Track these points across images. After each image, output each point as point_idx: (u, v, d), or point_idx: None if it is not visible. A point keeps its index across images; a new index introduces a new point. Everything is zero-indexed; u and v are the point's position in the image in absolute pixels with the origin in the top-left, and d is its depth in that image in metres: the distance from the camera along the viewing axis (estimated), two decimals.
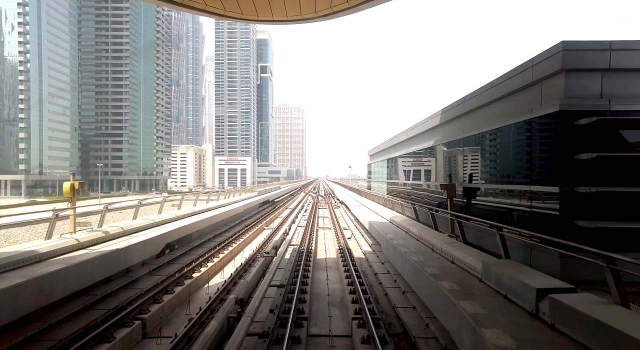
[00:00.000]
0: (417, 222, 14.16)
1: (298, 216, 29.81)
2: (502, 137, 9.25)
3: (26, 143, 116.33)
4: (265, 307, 9.81)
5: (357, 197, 36.05)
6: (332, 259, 17.04)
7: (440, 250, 10.11)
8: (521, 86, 8.76)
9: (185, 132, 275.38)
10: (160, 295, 10.79)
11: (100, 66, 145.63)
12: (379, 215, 19.33)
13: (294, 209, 37.58)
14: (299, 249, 17.32)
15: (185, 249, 16.90)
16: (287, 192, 61.83)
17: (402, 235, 13.32)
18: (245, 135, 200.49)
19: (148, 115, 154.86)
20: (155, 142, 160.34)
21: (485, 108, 10.23)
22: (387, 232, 14.03)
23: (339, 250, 17.92)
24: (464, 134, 11.69)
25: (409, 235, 13.25)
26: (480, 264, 7.86)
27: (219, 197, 26.40)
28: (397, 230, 14.59)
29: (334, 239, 21.74)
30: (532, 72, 8.55)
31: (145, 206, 19.84)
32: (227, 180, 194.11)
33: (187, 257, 15.93)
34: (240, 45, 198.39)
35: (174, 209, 23.41)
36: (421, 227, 13.09)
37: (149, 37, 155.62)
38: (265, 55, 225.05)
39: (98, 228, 12.56)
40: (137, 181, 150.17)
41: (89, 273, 9.56)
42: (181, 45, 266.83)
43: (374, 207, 22.50)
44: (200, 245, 18.13)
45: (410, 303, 10.38)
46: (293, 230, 21.33)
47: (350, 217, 31.03)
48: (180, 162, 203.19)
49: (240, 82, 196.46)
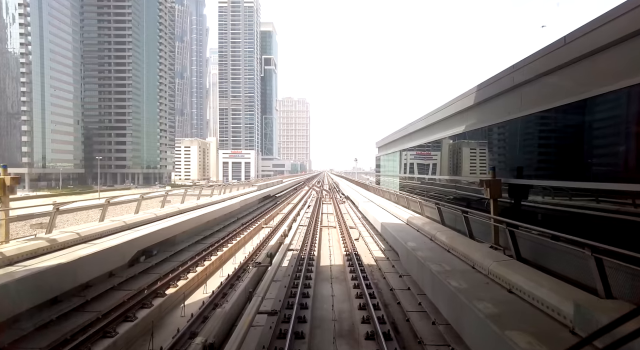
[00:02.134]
0: (443, 227, 11.39)
1: (300, 213, 27.14)
2: (590, 114, 6.47)
3: (29, 136, 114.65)
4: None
5: (363, 192, 33.29)
6: (338, 266, 14.36)
7: (487, 271, 7.35)
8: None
9: (190, 126, 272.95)
10: (115, 325, 8.17)
11: (102, 58, 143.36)
12: (392, 214, 16.56)
13: (296, 205, 34.93)
14: (299, 255, 14.64)
15: (165, 254, 14.29)
16: (290, 186, 59.12)
17: (426, 244, 10.56)
18: (249, 129, 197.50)
19: (151, 108, 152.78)
20: (159, 135, 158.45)
21: (551, 75, 7.43)
22: (405, 238, 11.28)
23: (345, 256, 15.23)
24: (512, 115, 8.86)
25: (436, 243, 10.49)
26: (567, 303, 5.11)
27: (212, 193, 23.74)
28: (419, 235, 11.82)
29: (340, 240, 19.07)
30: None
31: (130, 203, 17.25)
32: (231, 173, 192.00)
33: (166, 265, 13.33)
34: (244, 37, 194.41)
35: (166, 205, 20.88)
36: (451, 233, 10.33)
37: (151, 30, 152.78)
38: (269, 48, 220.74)
39: (46, 235, 9.94)
40: (141, 174, 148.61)
41: (10, 299, 6.93)
42: (185, 38, 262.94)
43: (385, 205, 19.74)
44: (184, 249, 15.52)
45: (444, 340, 7.67)
46: (294, 230, 18.66)
47: (357, 214, 28.31)
48: (184, 156, 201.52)
49: (244, 75, 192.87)
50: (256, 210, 30.50)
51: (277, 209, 31.59)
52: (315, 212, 29.29)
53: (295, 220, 23.29)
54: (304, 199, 41.71)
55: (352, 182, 54.84)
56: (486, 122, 10.37)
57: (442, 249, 9.77)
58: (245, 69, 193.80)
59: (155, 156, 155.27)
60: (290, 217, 24.83)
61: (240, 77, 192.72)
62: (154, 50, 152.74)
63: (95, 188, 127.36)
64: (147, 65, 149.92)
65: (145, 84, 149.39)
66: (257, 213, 28.60)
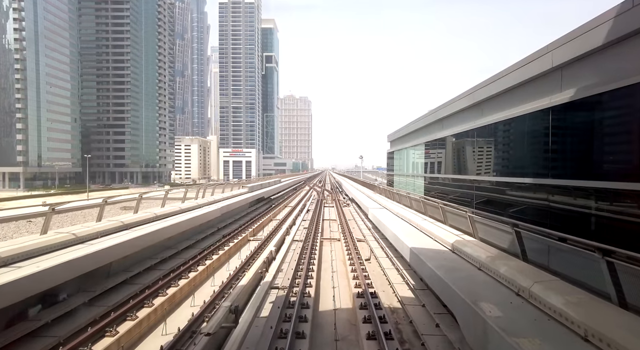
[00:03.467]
0: (535, 270, 6.37)
1: (297, 221, 22.10)
2: None
3: (24, 134, 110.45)
4: None
5: (371, 194, 28.17)
6: (345, 312, 9.38)
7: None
8: None
9: (191, 124, 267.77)
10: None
11: (100, 55, 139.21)
12: (424, 232, 11.54)
13: (293, 209, 29.87)
14: (287, 297, 9.63)
15: (80, 299, 9.26)
16: (289, 186, 53.93)
17: (514, 307, 5.54)
18: (250, 127, 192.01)
19: (150, 106, 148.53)
20: (158, 133, 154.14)
21: None
22: (468, 290, 6.28)
23: (356, 294, 10.24)
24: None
25: (534, 306, 5.46)
26: None
27: (185, 198, 18.54)
28: (489, 282, 6.78)
29: (346, 261, 14.08)
30: None
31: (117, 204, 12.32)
32: (232, 172, 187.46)
33: (68, 323, 8.31)
34: (244, 34, 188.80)
35: (128, 213, 15.96)
36: (561, 287, 5.36)
37: (150, 26, 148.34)
38: (270, 45, 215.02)
39: None
40: (140, 173, 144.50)
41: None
42: (185, 35, 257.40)
43: (406, 214, 14.70)
44: (113, 290, 10.37)
45: None
46: (284, 250, 13.62)
47: (365, 222, 23.32)
48: (184, 154, 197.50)
49: (245, 72, 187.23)
50: (244, 216, 25.46)
51: (270, 214, 26.51)
52: (315, 218, 24.30)
53: (289, 232, 18.22)
54: (302, 201, 36.67)
55: (356, 181, 49.50)
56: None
57: (561, 325, 4.72)
58: (245, 66, 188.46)
59: (154, 155, 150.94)
60: (283, 227, 19.79)
61: (240, 74, 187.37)
62: (153, 47, 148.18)
63: (93, 187, 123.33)
64: (146, 62, 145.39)
65: (144, 81, 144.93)
66: (244, 220, 23.54)
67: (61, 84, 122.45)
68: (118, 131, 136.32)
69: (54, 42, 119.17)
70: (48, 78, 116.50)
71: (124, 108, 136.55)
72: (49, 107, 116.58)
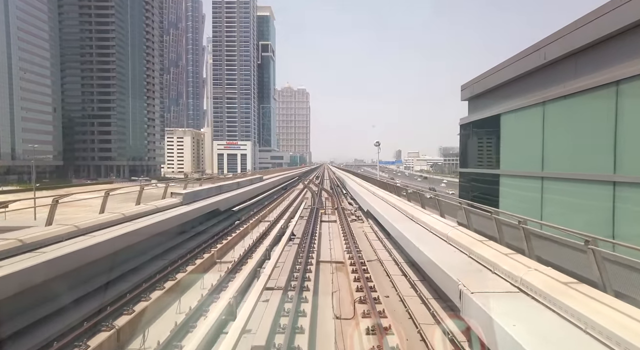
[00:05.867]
0: None
1: (263, 270, 10.33)
2: None
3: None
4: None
5: (410, 209, 15.26)
6: None
7: None
8: None
9: (186, 116, 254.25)
10: None
11: (84, 41, 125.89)
12: None
13: (266, 232, 17.82)
14: None
15: None
16: (275, 185, 41.47)
17: None
18: (246, 118, 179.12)
19: (138, 96, 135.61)
20: (147, 125, 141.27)
21: None
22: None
23: None
24: None
25: None
26: None
27: None
28: None
29: None
30: None
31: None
32: (226, 165, 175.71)
33: None
34: (239, 20, 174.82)
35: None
36: None
37: (137, 12, 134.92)
38: (266, 33, 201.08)
39: None
40: (127, 167, 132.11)
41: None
42: (180, 24, 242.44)
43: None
44: None
45: None
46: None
47: (403, 267, 11.64)
48: (177, 147, 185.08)
49: (239, 60, 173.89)
50: (148, 265, 12.86)
51: (207, 257, 14.13)
52: (305, 260, 12.56)
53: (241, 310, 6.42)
54: (289, 210, 24.81)
55: (369, 181, 32.98)
56: None
57: None
58: (240, 54, 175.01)
59: (142, 147, 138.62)
60: (231, 289, 7.93)
61: (235, 62, 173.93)
62: (140, 34, 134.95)
63: (75, 182, 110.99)
64: (132, 49, 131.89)
65: (130, 69, 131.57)
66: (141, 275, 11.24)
67: (38, 70, 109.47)
68: (103, 122, 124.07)
69: (29, 24, 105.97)
70: (21, 63, 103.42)
71: (109, 97, 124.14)
72: (23, 95, 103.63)
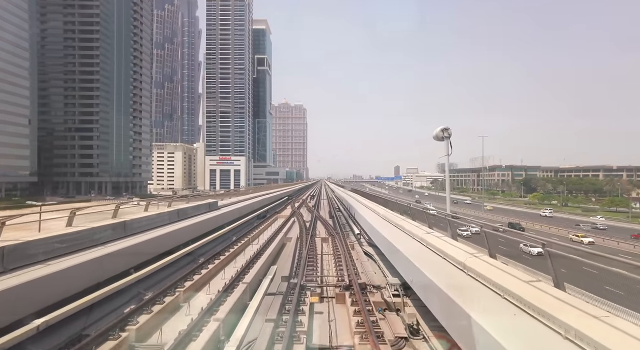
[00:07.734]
0: None
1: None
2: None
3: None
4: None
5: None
6: None
7: None
8: None
9: (180, 132, 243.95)
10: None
11: (67, 50, 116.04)
12: None
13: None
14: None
15: None
16: (260, 207, 29.86)
17: None
18: (240, 133, 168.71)
19: (123, 109, 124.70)
20: (132, 139, 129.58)
21: None
22: None
23: None
24: None
25: None
26: None
27: None
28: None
29: None
30: None
31: None
32: (219, 181, 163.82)
33: None
34: (234, 33, 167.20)
35: None
36: None
37: (124, 26, 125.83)
38: (262, 47, 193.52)
39: None
40: (109, 183, 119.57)
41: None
42: (175, 39, 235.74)
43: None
44: None
45: None
46: None
47: None
48: (167, 163, 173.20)
49: (234, 74, 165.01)
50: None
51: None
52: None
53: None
54: (263, 256, 13.16)
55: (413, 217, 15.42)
56: None
57: None
58: (235, 67, 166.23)
59: (127, 162, 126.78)
60: None
61: (229, 76, 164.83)
62: (127, 47, 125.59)
63: (49, 200, 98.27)
64: (118, 62, 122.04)
65: (115, 82, 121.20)
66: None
67: (12, 80, 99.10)
68: (85, 136, 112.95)
69: (5, 31, 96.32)
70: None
71: (92, 109, 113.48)
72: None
